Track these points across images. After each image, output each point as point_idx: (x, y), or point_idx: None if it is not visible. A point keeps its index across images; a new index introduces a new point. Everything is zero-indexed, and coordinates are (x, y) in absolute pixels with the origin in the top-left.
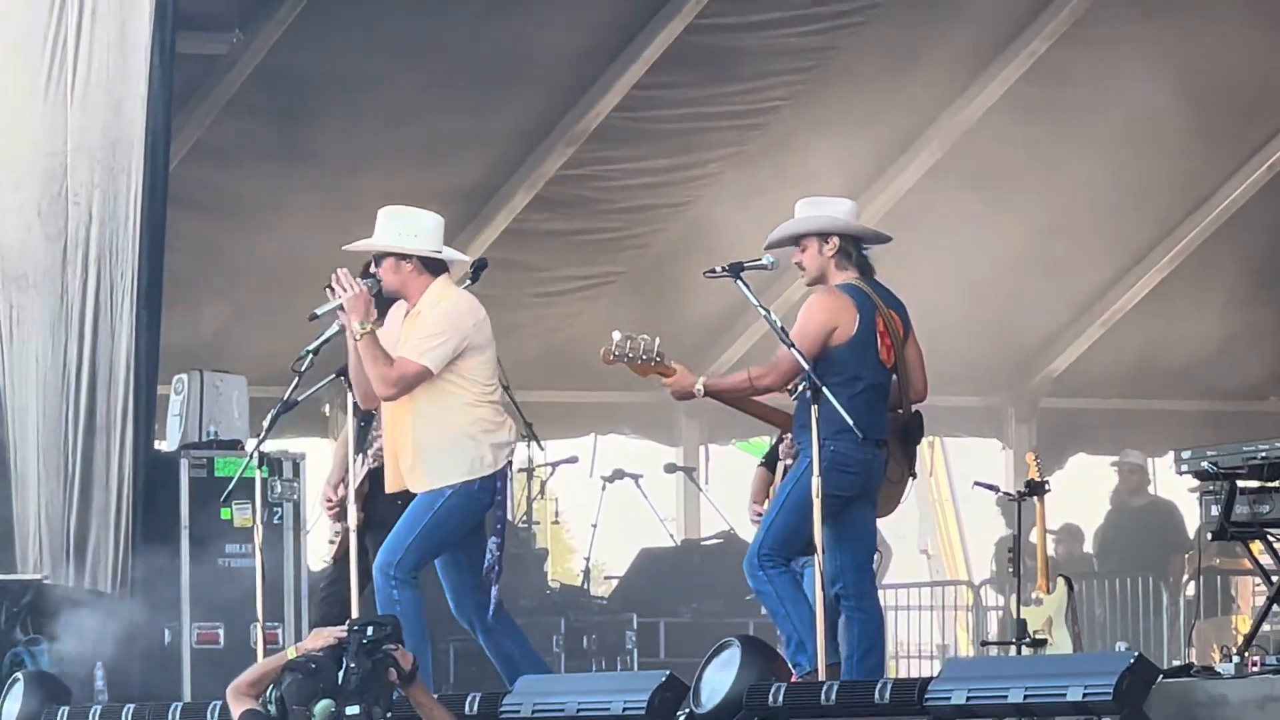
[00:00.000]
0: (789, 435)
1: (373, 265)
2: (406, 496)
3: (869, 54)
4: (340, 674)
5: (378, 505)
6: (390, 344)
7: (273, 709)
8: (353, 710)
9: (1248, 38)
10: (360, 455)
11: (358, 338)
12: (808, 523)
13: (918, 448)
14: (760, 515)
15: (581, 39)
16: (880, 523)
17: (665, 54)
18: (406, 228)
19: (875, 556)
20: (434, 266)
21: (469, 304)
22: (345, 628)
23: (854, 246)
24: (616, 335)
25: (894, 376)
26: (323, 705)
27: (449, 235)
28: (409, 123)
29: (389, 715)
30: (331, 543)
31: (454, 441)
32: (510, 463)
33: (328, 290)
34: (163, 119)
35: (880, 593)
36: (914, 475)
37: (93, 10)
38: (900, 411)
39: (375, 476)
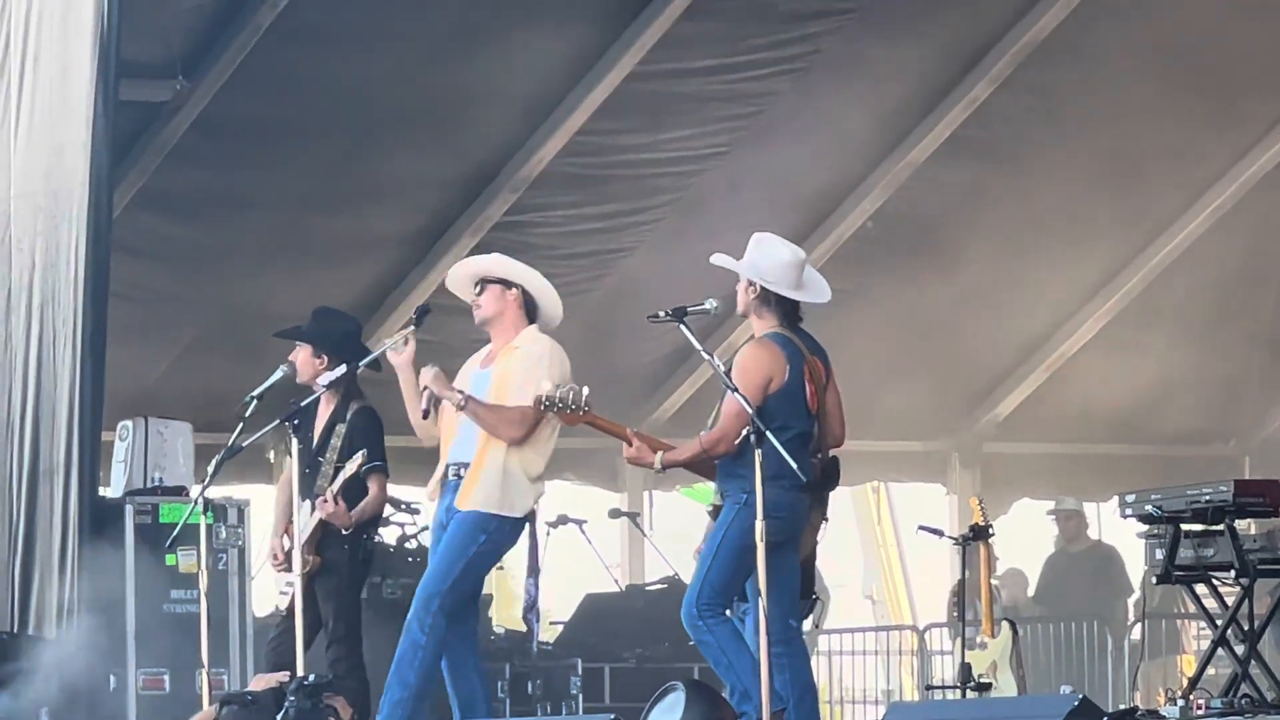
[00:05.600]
0: None
1: (477, 290)
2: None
3: (810, 100)
4: (280, 712)
5: (328, 551)
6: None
7: None
8: None
9: (1186, 83)
10: (307, 501)
11: (460, 407)
12: (743, 569)
13: (832, 493)
14: None
15: (524, 85)
16: (822, 567)
17: (608, 100)
18: (524, 269)
19: (817, 602)
20: (531, 311)
21: (560, 347)
22: (287, 674)
23: (774, 297)
24: (547, 385)
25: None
26: None
27: (393, 281)
28: (352, 169)
29: None
30: (284, 593)
31: (506, 475)
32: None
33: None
34: (105, 166)
35: (824, 638)
36: (827, 520)
37: (35, 56)
38: (819, 457)
39: (326, 522)
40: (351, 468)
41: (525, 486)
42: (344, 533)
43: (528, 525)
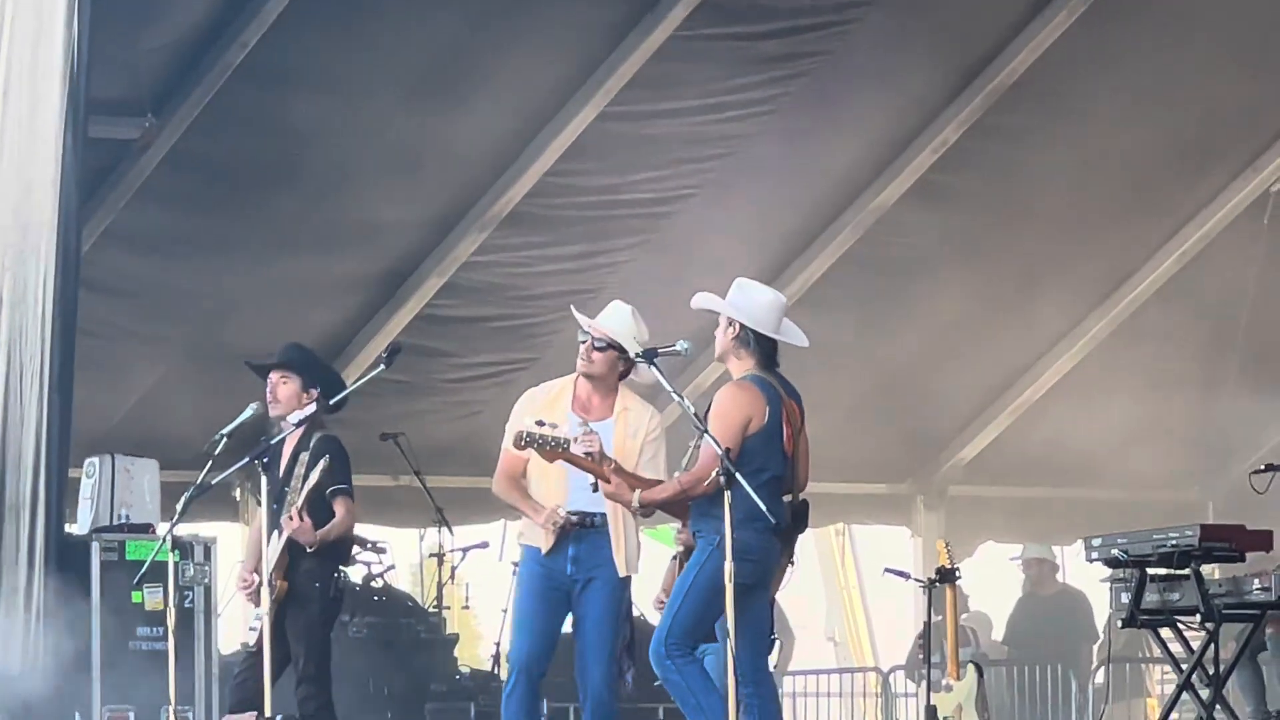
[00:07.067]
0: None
1: (599, 345)
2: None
3: (779, 143)
4: None
5: (297, 575)
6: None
7: None
8: None
9: (1155, 130)
10: (275, 532)
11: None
12: (713, 610)
13: (802, 535)
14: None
15: (493, 125)
16: (785, 609)
17: (577, 141)
18: (639, 329)
19: (777, 643)
20: (628, 368)
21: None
22: (254, 714)
23: (754, 337)
24: (528, 421)
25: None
26: None
27: (361, 320)
28: (320, 208)
29: None
30: (252, 629)
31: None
32: None
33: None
34: (74, 203)
35: (788, 679)
36: (793, 563)
37: (4, 93)
38: (790, 499)
39: (293, 546)
40: (314, 478)
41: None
42: (308, 551)
43: None
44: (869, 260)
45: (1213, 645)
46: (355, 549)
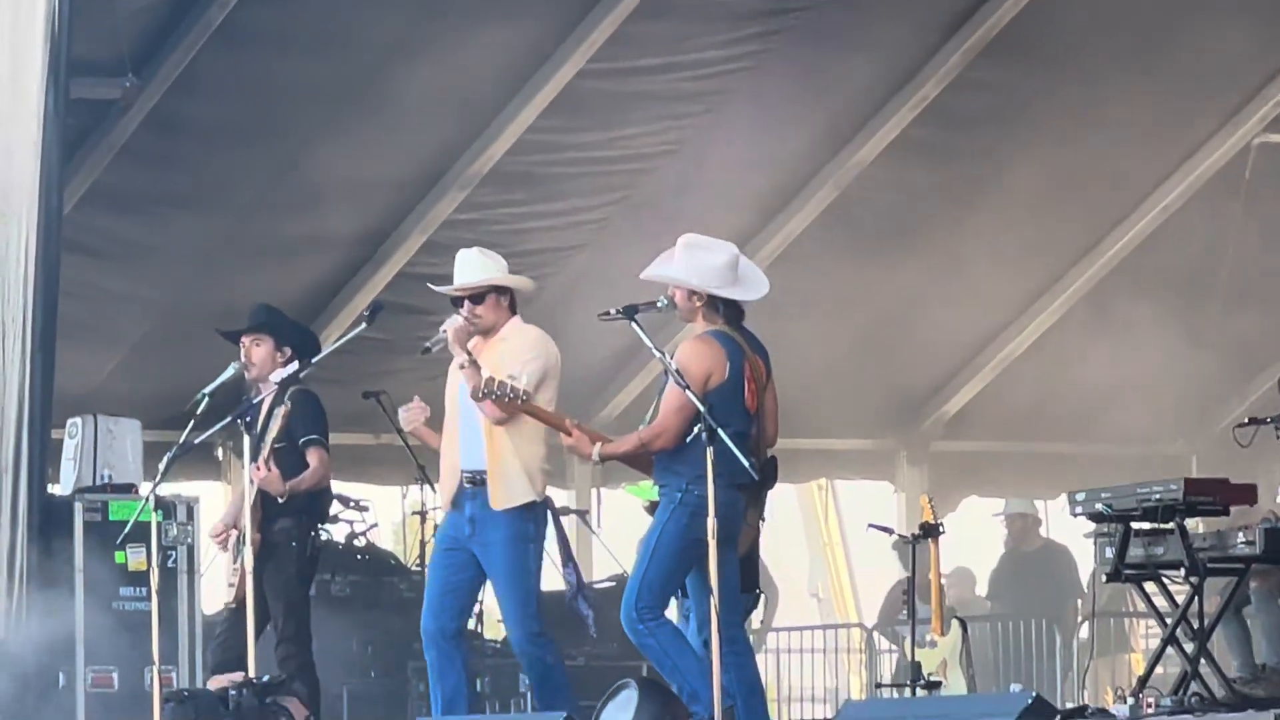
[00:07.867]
0: None
1: (467, 304)
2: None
3: (759, 99)
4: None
5: (272, 533)
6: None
7: None
8: None
9: (1137, 82)
10: (251, 485)
11: (462, 366)
12: (681, 568)
13: (777, 491)
14: None
15: (473, 83)
16: (768, 564)
17: (557, 98)
18: (501, 267)
19: (761, 598)
20: (514, 304)
21: (546, 335)
22: (241, 675)
23: (721, 302)
24: (486, 372)
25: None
26: None
27: (343, 279)
28: (302, 167)
29: None
30: (231, 585)
31: (524, 466)
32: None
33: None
34: (55, 164)
35: (771, 636)
36: (764, 519)
37: None
38: (756, 457)
39: (267, 500)
40: (275, 426)
41: (538, 474)
42: (281, 503)
43: (552, 516)
44: (850, 215)
45: (1197, 599)
46: (338, 508)
